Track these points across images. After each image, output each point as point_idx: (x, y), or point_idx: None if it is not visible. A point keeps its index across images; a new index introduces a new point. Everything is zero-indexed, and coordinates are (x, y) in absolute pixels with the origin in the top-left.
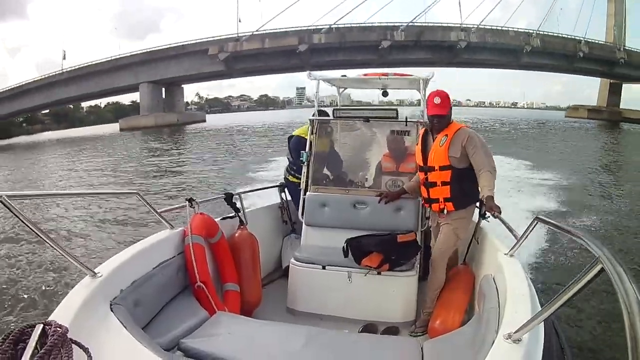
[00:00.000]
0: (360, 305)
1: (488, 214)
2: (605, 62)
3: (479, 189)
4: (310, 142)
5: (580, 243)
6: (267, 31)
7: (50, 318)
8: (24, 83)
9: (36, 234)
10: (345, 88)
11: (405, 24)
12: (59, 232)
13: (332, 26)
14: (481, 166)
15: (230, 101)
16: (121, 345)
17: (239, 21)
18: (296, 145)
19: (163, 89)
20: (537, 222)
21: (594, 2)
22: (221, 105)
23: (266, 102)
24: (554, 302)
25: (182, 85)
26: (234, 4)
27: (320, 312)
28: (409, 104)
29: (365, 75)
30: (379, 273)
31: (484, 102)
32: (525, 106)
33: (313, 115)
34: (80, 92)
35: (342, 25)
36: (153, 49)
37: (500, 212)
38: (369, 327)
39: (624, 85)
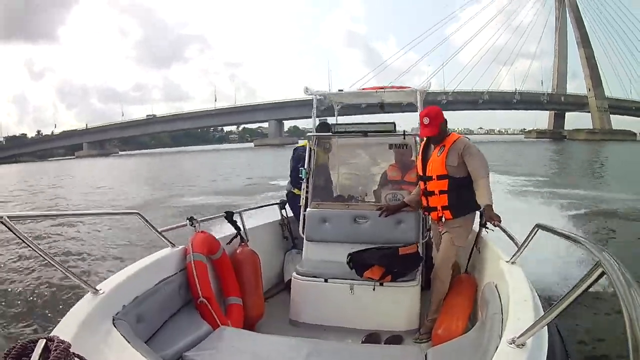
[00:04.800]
0: (363, 316)
1: (489, 223)
2: (534, 103)
3: (477, 198)
4: (310, 158)
5: (581, 248)
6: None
7: (53, 333)
8: (180, 113)
9: (37, 253)
10: (343, 103)
11: None
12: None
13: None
14: (477, 173)
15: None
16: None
17: (330, 86)
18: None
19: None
20: (537, 230)
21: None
22: (260, 136)
23: None
24: (556, 306)
25: (283, 121)
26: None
27: (323, 324)
28: None
29: (362, 89)
30: (381, 284)
31: (494, 130)
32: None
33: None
34: (226, 122)
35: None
36: (281, 101)
37: (500, 221)
38: (372, 337)
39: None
